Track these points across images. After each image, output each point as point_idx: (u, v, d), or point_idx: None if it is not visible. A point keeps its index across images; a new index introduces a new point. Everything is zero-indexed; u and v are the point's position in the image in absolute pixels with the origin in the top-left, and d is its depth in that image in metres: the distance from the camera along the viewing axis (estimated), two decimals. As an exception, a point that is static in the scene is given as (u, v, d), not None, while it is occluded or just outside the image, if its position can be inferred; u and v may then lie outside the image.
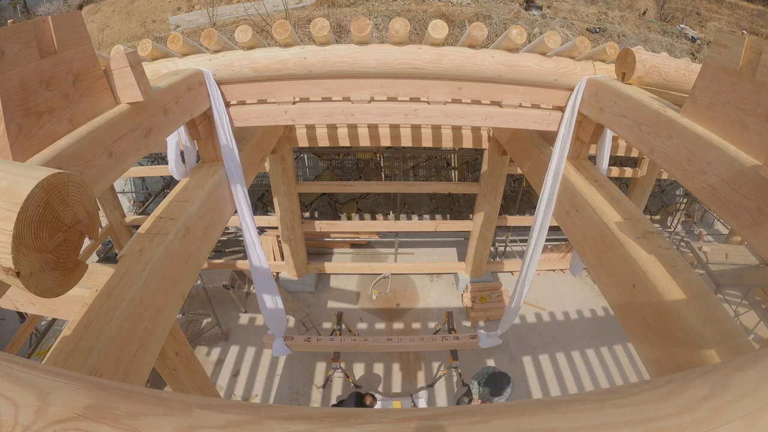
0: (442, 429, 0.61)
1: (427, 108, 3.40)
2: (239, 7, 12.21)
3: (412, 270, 8.23)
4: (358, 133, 5.71)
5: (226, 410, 0.65)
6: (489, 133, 6.02)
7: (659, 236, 2.49)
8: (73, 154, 1.77)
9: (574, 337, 6.97)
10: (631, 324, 2.39)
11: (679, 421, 0.61)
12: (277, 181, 6.39)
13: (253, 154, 4.11)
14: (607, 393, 0.68)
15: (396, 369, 6.36)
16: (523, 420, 0.64)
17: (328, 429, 0.61)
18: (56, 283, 1.08)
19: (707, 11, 15.98)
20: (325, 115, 3.43)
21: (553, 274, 8.31)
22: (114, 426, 0.60)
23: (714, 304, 2.02)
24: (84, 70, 1.97)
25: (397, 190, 7.36)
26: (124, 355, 1.92)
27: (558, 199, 3.46)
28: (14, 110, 1.59)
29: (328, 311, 7.39)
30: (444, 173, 9.19)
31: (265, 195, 9.08)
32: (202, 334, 6.82)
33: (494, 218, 6.95)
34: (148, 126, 2.35)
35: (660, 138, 2.34)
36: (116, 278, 2.10)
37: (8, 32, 1.58)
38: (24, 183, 0.93)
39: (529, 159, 4.24)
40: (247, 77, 3.18)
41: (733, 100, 1.93)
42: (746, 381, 0.67)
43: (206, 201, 2.99)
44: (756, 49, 1.85)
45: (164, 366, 3.08)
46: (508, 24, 10.69)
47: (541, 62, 3.12)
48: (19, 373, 0.66)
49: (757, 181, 1.68)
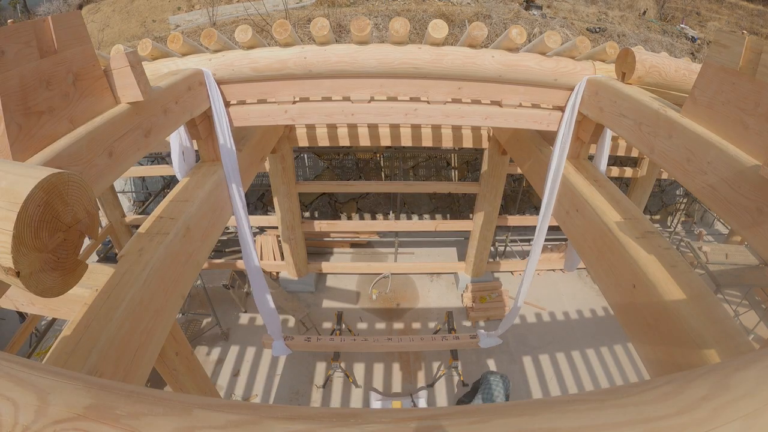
0: (442, 429, 0.61)
1: (427, 108, 3.40)
2: (239, 6, 12.21)
3: (412, 270, 8.23)
4: (359, 132, 5.71)
5: (226, 410, 0.65)
6: (489, 133, 6.02)
7: (659, 236, 2.49)
8: (73, 154, 1.77)
9: (574, 337, 6.97)
10: (631, 324, 2.39)
11: (679, 421, 0.61)
12: (277, 181, 6.39)
13: (253, 153, 4.12)
14: (607, 393, 0.68)
15: (396, 369, 6.37)
16: (523, 420, 0.64)
17: (328, 429, 0.61)
18: (56, 283, 1.08)
19: (707, 11, 15.98)
20: (325, 114, 3.43)
21: (553, 274, 8.31)
22: (114, 426, 0.60)
23: (714, 304, 2.02)
24: (84, 70, 1.97)
25: (397, 189, 7.37)
26: (124, 355, 1.92)
27: (558, 199, 3.46)
28: (14, 110, 1.58)
29: (328, 311, 7.39)
30: (444, 173, 9.19)
31: (265, 195, 9.08)
32: (202, 334, 6.82)
33: (494, 218, 6.96)
34: (148, 126, 2.35)
35: (660, 138, 2.34)
36: (116, 278, 2.10)
37: (8, 32, 1.58)
38: (24, 183, 0.93)
39: (529, 159, 4.24)
40: (247, 77, 3.18)
41: (733, 100, 1.93)
42: (746, 381, 0.67)
43: (206, 201, 2.99)
44: (756, 49, 1.85)
45: (164, 366, 3.08)
46: (508, 24, 10.69)
47: (541, 62, 3.11)
48: (19, 373, 0.66)
49: (757, 181, 1.68)
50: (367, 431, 0.61)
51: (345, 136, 5.78)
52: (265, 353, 6.47)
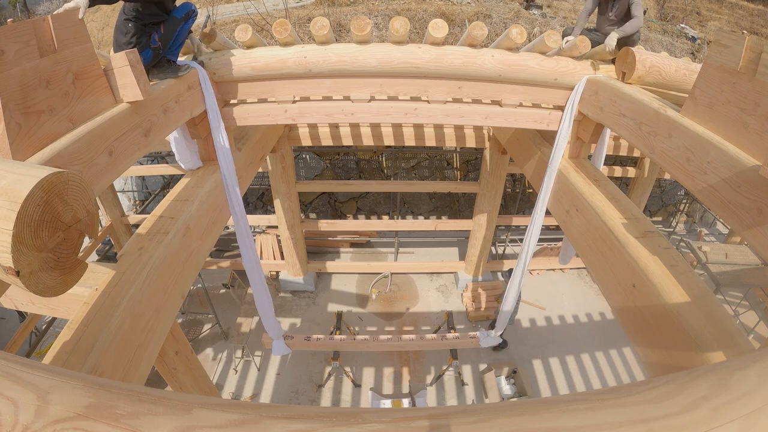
0: (442, 428, 0.62)
1: (427, 107, 3.40)
2: (239, 6, 12.20)
3: (412, 269, 8.23)
4: (360, 132, 5.71)
5: (226, 409, 0.65)
6: (489, 133, 6.02)
7: (659, 236, 2.49)
8: (72, 153, 1.77)
9: (573, 337, 6.98)
10: (630, 324, 2.39)
11: (678, 421, 0.61)
12: (277, 180, 6.39)
13: (252, 152, 4.11)
14: (606, 393, 0.68)
15: (396, 369, 6.37)
16: (523, 419, 0.64)
17: (328, 428, 0.61)
18: (56, 282, 1.08)
19: (707, 11, 15.97)
20: (325, 114, 3.43)
21: (553, 273, 8.31)
22: (114, 425, 0.60)
23: (714, 303, 2.02)
24: (84, 69, 1.97)
25: (397, 189, 7.36)
26: (123, 354, 1.92)
27: (558, 199, 3.46)
28: (14, 109, 1.58)
29: (327, 310, 7.39)
30: (444, 172, 9.19)
31: (265, 194, 9.08)
32: (202, 334, 6.82)
33: (494, 217, 6.96)
34: (147, 125, 2.35)
35: (660, 137, 2.34)
36: (116, 277, 2.10)
37: (8, 31, 1.58)
38: (24, 182, 0.93)
39: (528, 158, 4.24)
40: (247, 76, 3.17)
41: (733, 100, 1.93)
42: (746, 381, 0.67)
43: (206, 200, 2.99)
44: (756, 48, 1.85)
45: (164, 365, 3.08)
46: (508, 23, 10.69)
47: (541, 61, 3.11)
48: (18, 372, 0.66)
49: (757, 181, 1.68)
50: (366, 431, 0.61)
51: (346, 135, 5.78)
52: (265, 353, 6.47)
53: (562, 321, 7.34)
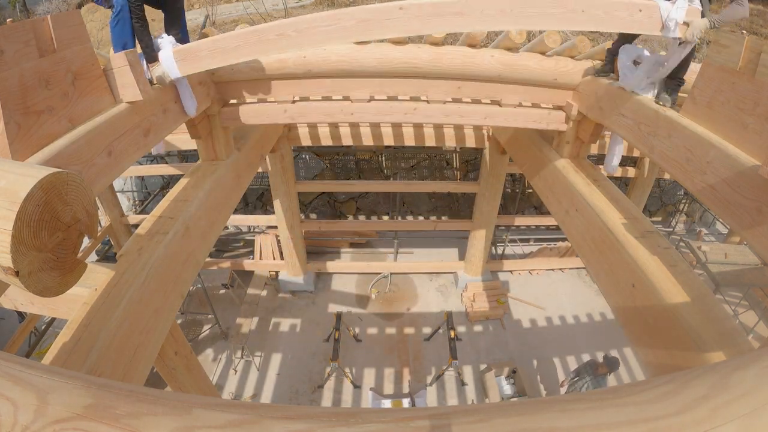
0: (442, 428, 0.62)
1: (426, 107, 3.40)
2: (238, 5, 12.19)
3: (411, 269, 8.23)
4: (360, 132, 5.71)
5: (226, 410, 0.65)
6: (488, 133, 6.02)
7: (659, 235, 2.49)
8: (72, 153, 1.77)
9: (573, 337, 6.98)
10: (630, 324, 2.39)
11: (678, 421, 0.61)
12: (276, 180, 6.39)
13: (252, 152, 4.11)
14: (606, 393, 0.68)
15: (395, 369, 6.37)
16: (523, 419, 0.64)
17: (327, 428, 0.61)
18: (55, 282, 1.08)
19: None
20: (324, 114, 3.43)
21: (552, 273, 8.30)
22: (114, 426, 0.59)
23: (713, 303, 2.03)
24: (83, 69, 1.96)
25: (396, 189, 7.35)
26: (123, 354, 1.92)
27: (558, 199, 3.46)
28: (13, 109, 1.58)
29: (327, 311, 7.38)
30: (444, 172, 9.18)
31: (265, 194, 9.07)
32: (202, 334, 6.82)
33: (494, 217, 6.96)
34: (147, 125, 2.35)
35: (659, 137, 2.34)
36: (115, 277, 2.10)
37: (7, 31, 1.57)
38: (23, 182, 0.93)
39: (528, 158, 4.24)
40: (247, 76, 3.17)
41: (733, 100, 1.93)
42: (745, 380, 0.67)
43: (205, 200, 2.99)
44: (755, 48, 1.86)
45: (163, 365, 3.08)
46: (507, 23, 10.66)
47: (540, 61, 3.12)
48: (18, 372, 0.66)
49: (757, 181, 1.68)
50: (366, 431, 0.61)
51: (346, 135, 5.77)
52: (265, 353, 6.47)
53: (562, 321, 7.33)
